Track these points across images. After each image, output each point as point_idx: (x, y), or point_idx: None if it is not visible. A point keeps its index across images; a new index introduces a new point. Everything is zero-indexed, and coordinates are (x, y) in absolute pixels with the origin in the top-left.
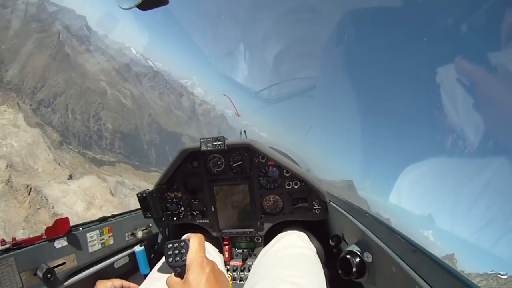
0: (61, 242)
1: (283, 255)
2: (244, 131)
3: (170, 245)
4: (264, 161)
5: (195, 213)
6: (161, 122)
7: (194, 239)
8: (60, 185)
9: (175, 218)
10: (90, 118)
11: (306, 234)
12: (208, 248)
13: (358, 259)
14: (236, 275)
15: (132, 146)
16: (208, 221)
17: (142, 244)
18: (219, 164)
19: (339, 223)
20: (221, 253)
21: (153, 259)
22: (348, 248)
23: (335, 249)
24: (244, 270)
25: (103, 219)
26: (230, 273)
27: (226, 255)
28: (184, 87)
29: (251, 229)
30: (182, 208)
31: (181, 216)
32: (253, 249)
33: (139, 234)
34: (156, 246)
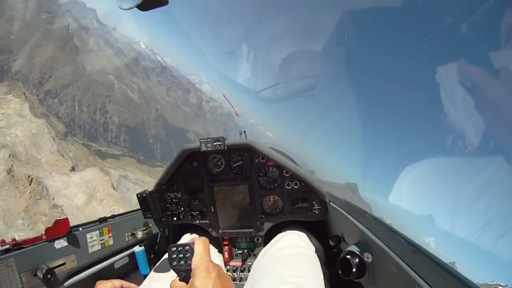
0: (61, 243)
1: (283, 255)
2: (244, 131)
3: (174, 249)
4: (264, 161)
5: (195, 214)
6: (168, 118)
7: (199, 243)
8: (62, 177)
9: (175, 219)
10: (97, 111)
11: (306, 234)
12: None
13: (358, 259)
14: (236, 276)
15: (138, 140)
16: (208, 222)
17: (142, 245)
18: (219, 165)
19: (339, 223)
20: (221, 253)
21: (153, 260)
22: (348, 248)
23: (335, 249)
24: (244, 271)
25: (103, 220)
26: (230, 273)
27: (226, 256)
28: (192, 84)
29: (251, 230)
30: (182, 209)
31: (181, 217)
32: (253, 249)
33: (139, 235)
34: (156, 247)
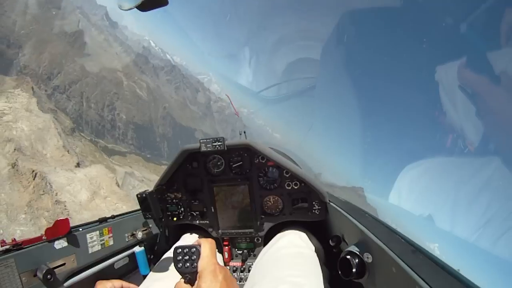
0: (61, 243)
1: (283, 255)
2: (244, 132)
3: (180, 250)
4: (264, 162)
5: (195, 214)
6: (176, 116)
7: (206, 245)
8: (66, 173)
9: (175, 219)
10: (105, 107)
11: (306, 234)
12: None
13: (358, 260)
14: (236, 276)
15: (145, 138)
16: (208, 222)
17: (142, 245)
18: (219, 165)
19: (339, 224)
20: (221, 254)
21: (153, 260)
22: (348, 249)
23: (335, 250)
24: (244, 271)
25: (103, 220)
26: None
27: (226, 256)
28: (201, 83)
29: (251, 230)
30: (182, 209)
31: (181, 217)
32: (253, 250)
33: (139, 235)
34: (156, 247)
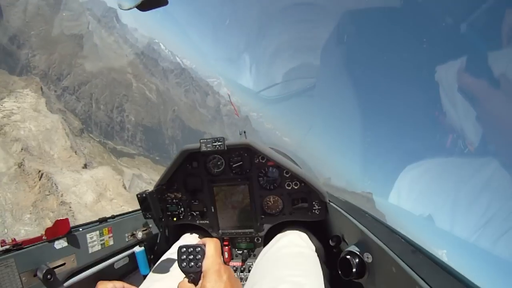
0: (61, 243)
1: (283, 254)
2: (244, 132)
3: (184, 249)
4: (264, 162)
5: (195, 214)
6: (185, 119)
7: (211, 245)
8: (73, 174)
9: (175, 219)
10: (114, 109)
11: (306, 234)
12: None
13: (358, 260)
14: (236, 276)
15: (154, 140)
16: (208, 222)
17: (142, 245)
18: (219, 165)
19: (339, 224)
20: (221, 254)
21: (153, 260)
22: (348, 249)
23: (335, 250)
24: (244, 271)
25: (103, 220)
26: None
27: (226, 256)
28: (210, 86)
29: (251, 230)
30: (182, 209)
31: (181, 217)
32: (253, 250)
33: (139, 235)
34: (156, 247)
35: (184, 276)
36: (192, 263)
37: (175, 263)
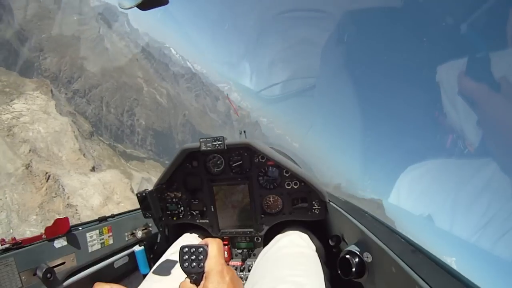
0: (61, 242)
1: (283, 254)
2: (244, 131)
3: (186, 249)
4: (264, 161)
5: (195, 213)
6: (195, 124)
7: (214, 245)
8: (80, 176)
9: (175, 218)
10: (124, 113)
11: (306, 234)
12: None
13: (358, 259)
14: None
15: (164, 144)
16: (208, 221)
17: (142, 244)
18: (219, 164)
19: (339, 223)
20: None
21: (153, 259)
22: (348, 248)
23: (335, 249)
24: (244, 270)
25: (103, 219)
26: None
27: (226, 255)
28: (221, 92)
29: (251, 229)
30: (182, 208)
31: (181, 216)
32: (253, 249)
33: (139, 234)
34: (156, 246)
35: (186, 276)
36: (194, 264)
37: (175, 263)
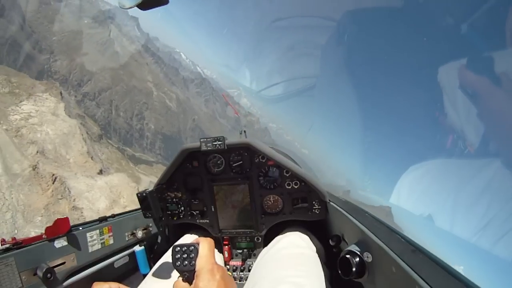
0: (61, 242)
1: (284, 255)
2: (244, 131)
3: (178, 249)
4: (264, 161)
5: (195, 213)
6: (204, 128)
7: (204, 244)
8: (87, 179)
9: (175, 218)
10: (134, 117)
11: (307, 234)
12: None
13: (358, 259)
14: (236, 275)
15: (173, 149)
16: (208, 221)
17: (142, 244)
18: (219, 164)
19: (339, 223)
20: (221, 253)
21: (153, 259)
22: (348, 248)
23: (335, 249)
24: (244, 270)
25: (103, 219)
26: (230, 273)
27: (226, 255)
28: (231, 97)
29: (251, 229)
30: (182, 208)
31: (181, 216)
32: (253, 249)
33: (139, 234)
34: (156, 246)
35: (179, 275)
36: (186, 262)
37: None
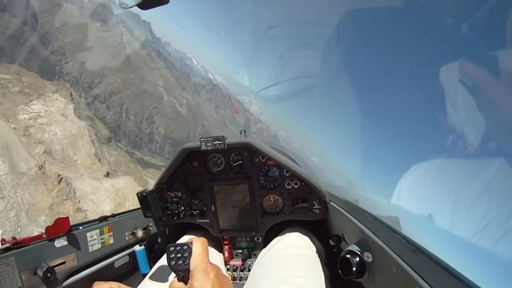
0: (61, 242)
1: (284, 255)
2: (244, 131)
3: (173, 248)
4: (264, 161)
5: (195, 213)
6: (214, 135)
7: (198, 243)
8: (93, 181)
9: (175, 218)
10: (144, 120)
11: (307, 234)
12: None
13: (358, 259)
14: (236, 275)
15: None
16: (208, 221)
17: (142, 244)
18: (219, 164)
19: (339, 223)
20: (221, 253)
21: (153, 259)
22: (348, 248)
23: (335, 249)
24: (244, 270)
25: (103, 219)
26: (230, 273)
27: (226, 255)
28: (241, 104)
29: (251, 229)
30: (182, 208)
31: (181, 216)
32: (253, 249)
33: (139, 234)
34: (156, 246)
35: (174, 276)
36: (180, 262)
37: None
